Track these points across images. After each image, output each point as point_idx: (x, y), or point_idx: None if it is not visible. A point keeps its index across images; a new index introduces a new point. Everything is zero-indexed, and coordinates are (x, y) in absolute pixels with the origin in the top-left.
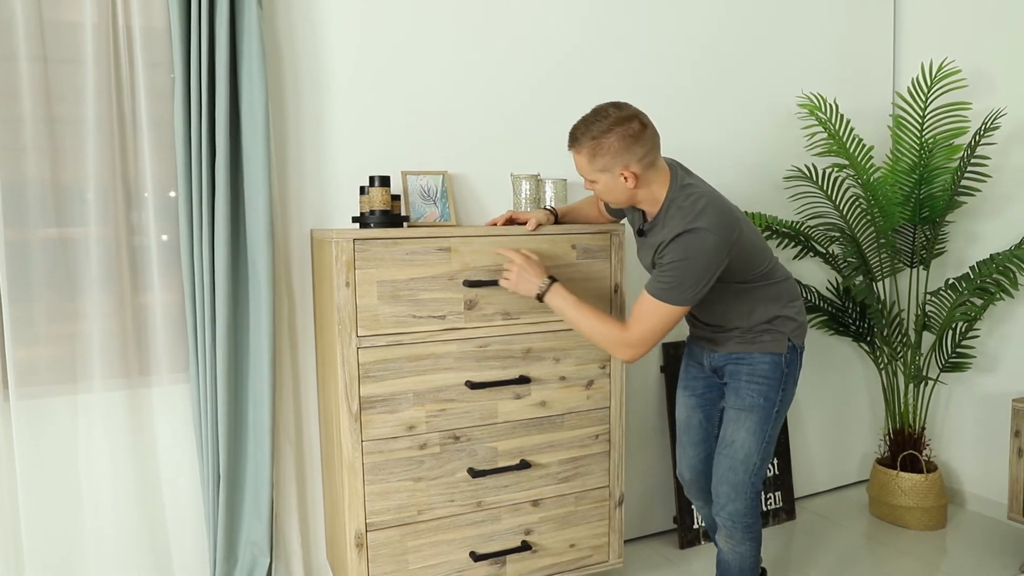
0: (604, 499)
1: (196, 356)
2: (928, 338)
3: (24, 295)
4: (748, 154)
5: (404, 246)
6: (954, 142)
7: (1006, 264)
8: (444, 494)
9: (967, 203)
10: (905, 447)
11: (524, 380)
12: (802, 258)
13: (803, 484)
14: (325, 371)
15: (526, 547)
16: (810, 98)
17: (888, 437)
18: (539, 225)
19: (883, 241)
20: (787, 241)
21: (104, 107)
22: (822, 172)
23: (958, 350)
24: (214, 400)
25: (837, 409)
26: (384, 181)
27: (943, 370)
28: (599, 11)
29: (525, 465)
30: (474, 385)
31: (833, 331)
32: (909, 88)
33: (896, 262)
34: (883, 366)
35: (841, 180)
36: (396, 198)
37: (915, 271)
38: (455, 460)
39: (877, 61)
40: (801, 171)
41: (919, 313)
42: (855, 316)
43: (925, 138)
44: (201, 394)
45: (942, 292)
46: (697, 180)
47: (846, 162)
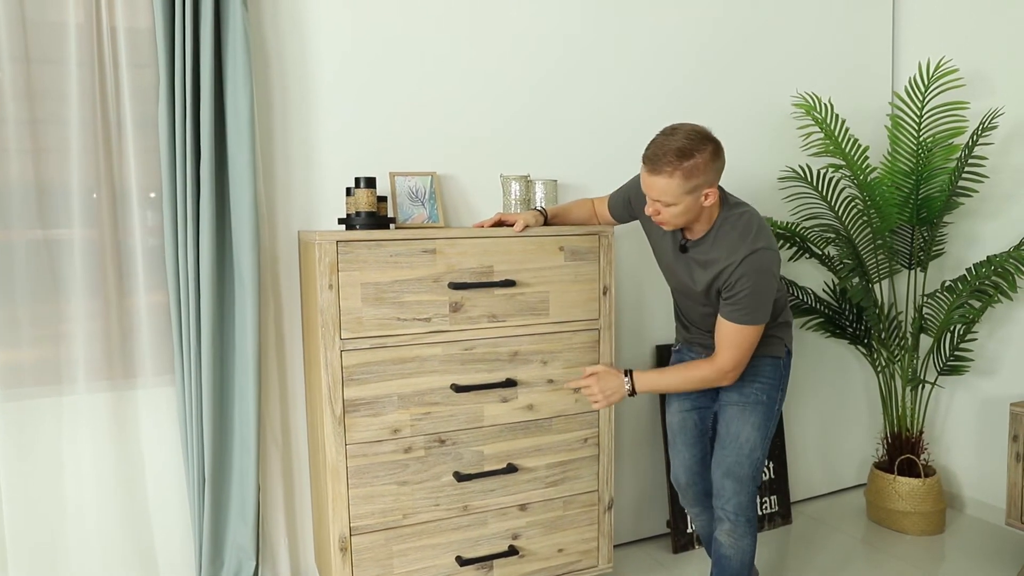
0: (593, 503)
1: (181, 358)
2: (926, 341)
3: (7, 297)
4: (743, 155)
5: (388, 248)
6: (952, 142)
7: (1004, 266)
8: (429, 498)
9: (965, 204)
10: (903, 451)
11: (511, 383)
12: (798, 259)
13: (800, 488)
14: (311, 374)
15: (513, 552)
16: (806, 98)
17: (886, 441)
18: (527, 227)
19: (880, 242)
20: (783, 242)
21: (88, 108)
22: (817, 173)
23: (956, 353)
24: (199, 403)
25: (834, 412)
26: (370, 182)
27: (941, 373)
28: (591, 11)
29: (512, 469)
30: (460, 388)
31: (830, 333)
32: (906, 87)
33: (894, 263)
34: (880, 369)
35: (836, 181)
36: (383, 199)
37: (913, 273)
38: (440, 464)
39: (875, 60)
40: (796, 172)
41: (916, 315)
42: (852, 318)
43: (923, 138)
44: (186, 396)
45: (939, 294)
46: (738, 199)
47: (842, 162)
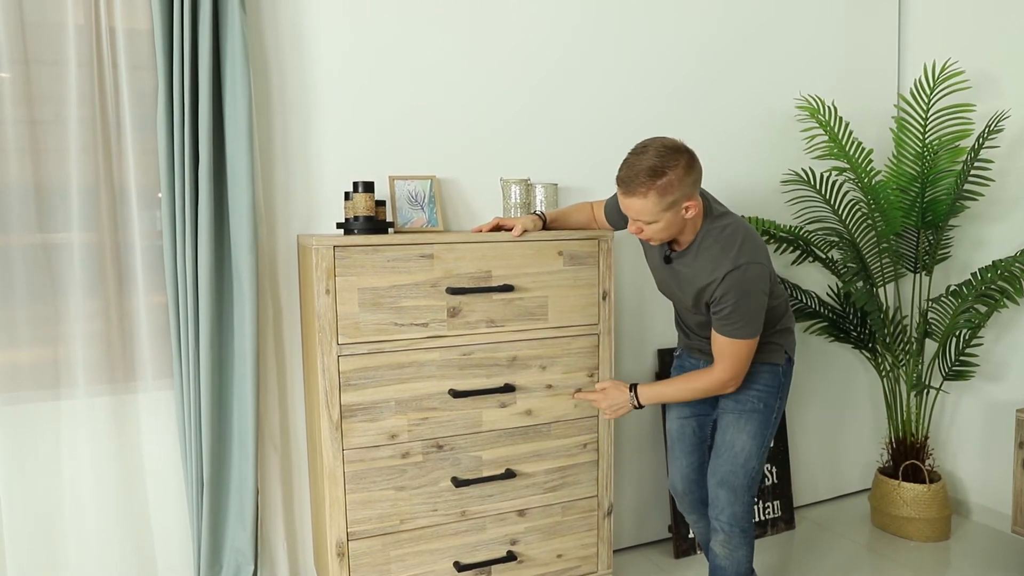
0: (592, 509)
1: (179, 362)
2: (931, 345)
3: (6, 299)
4: (745, 158)
5: (385, 253)
6: (958, 145)
7: (1010, 270)
8: (427, 503)
9: (971, 207)
10: (907, 456)
11: (509, 388)
12: (801, 263)
13: (803, 493)
14: (310, 378)
15: (512, 557)
16: (809, 100)
17: (890, 446)
18: (525, 231)
19: (884, 246)
20: (786, 246)
21: (87, 110)
22: (821, 176)
23: (961, 358)
24: (197, 406)
25: (838, 416)
26: (368, 187)
27: (946, 378)
28: (591, 13)
29: (510, 474)
30: (457, 393)
31: (834, 337)
32: (911, 90)
33: (899, 267)
34: (885, 373)
35: (840, 184)
36: (381, 204)
37: (918, 277)
38: (438, 469)
39: (880, 62)
40: (799, 175)
41: (921, 320)
42: (856, 322)
43: (928, 141)
44: (185, 400)
45: (944, 299)
46: (724, 208)
47: (846, 165)
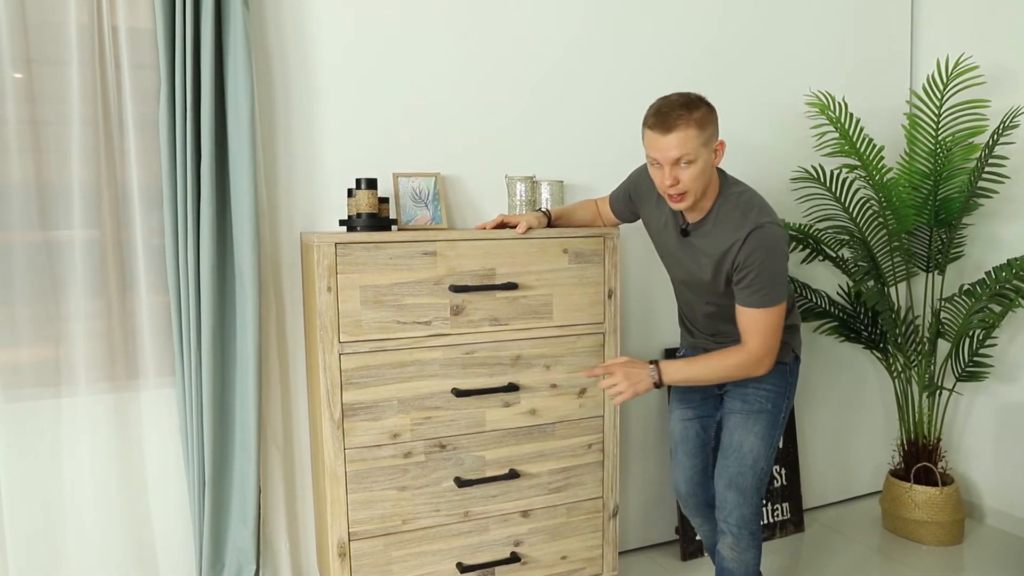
0: (597, 510)
1: (182, 360)
2: (944, 346)
3: (8, 298)
4: (754, 154)
5: (388, 250)
6: (972, 141)
7: None
8: (430, 503)
9: (985, 205)
10: (920, 459)
11: (513, 388)
12: (811, 262)
13: (812, 495)
14: (312, 376)
15: (515, 558)
16: (819, 96)
17: (902, 448)
18: (529, 228)
19: (896, 244)
20: (796, 244)
21: (89, 108)
22: (831, 173)
23: (975, 359)
24: (199, 404)
25: (848, 418)
26: (371, 184)
27: (959, 379)
28: (597, 7)
29: (514, 475)
30: (460, 393)
31: (844, 337)
32: (924, 85)
33: (911, 266)
34: (897, 374)
35: (851, 181)
36: (384, 201)
37: (931, 276)
38: (441, 469)
39: (892, 57)
40: (809, 172)
41: (933, 320)
42: (867, 322)
43: (941, 137)
44: (187, 398)
45: (957, 298)
46: (734, 177)
47: (857, 163)
